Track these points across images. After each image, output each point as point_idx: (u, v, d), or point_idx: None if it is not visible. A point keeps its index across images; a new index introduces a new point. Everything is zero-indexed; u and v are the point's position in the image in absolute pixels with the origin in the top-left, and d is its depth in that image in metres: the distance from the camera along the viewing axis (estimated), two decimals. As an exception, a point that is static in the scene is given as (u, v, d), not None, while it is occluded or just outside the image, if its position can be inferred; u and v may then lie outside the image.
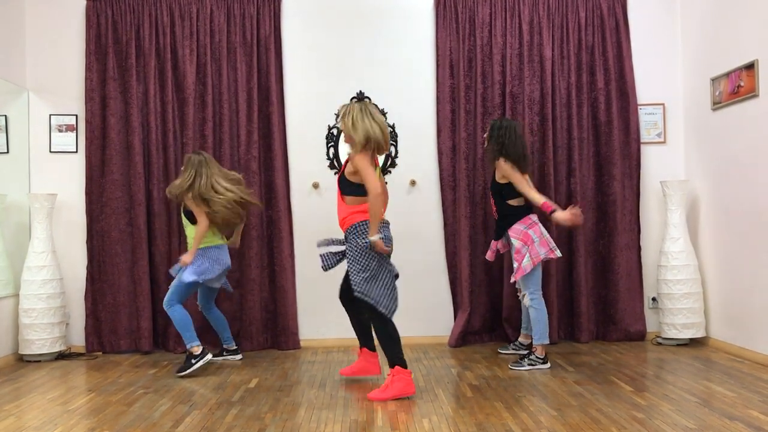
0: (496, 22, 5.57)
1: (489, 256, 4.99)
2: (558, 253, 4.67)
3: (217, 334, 5.25)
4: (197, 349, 4.65)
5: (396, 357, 3.97)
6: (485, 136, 4.88)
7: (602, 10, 5.61)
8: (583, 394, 3.89)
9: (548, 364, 4.63)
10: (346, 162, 4.10)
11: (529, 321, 4.96)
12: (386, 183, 4.66)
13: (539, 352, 4.64)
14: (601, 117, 5.59)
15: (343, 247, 4.16)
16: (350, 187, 4.04)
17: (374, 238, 3.88)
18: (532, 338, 4.79)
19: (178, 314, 4.71)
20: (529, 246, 4.63)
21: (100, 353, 5.45)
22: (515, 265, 4.66)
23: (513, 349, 5.12)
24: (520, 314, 5.22)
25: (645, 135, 5.68)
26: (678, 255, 5.26)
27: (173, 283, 4.78)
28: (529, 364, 4.60)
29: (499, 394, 3.95)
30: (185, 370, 4.57)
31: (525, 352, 4.88)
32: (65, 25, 5.58)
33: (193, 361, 4.60)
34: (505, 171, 4.70)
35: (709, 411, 3.51)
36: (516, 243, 4.68)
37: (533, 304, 4.65)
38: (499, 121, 4.82)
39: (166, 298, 4.75)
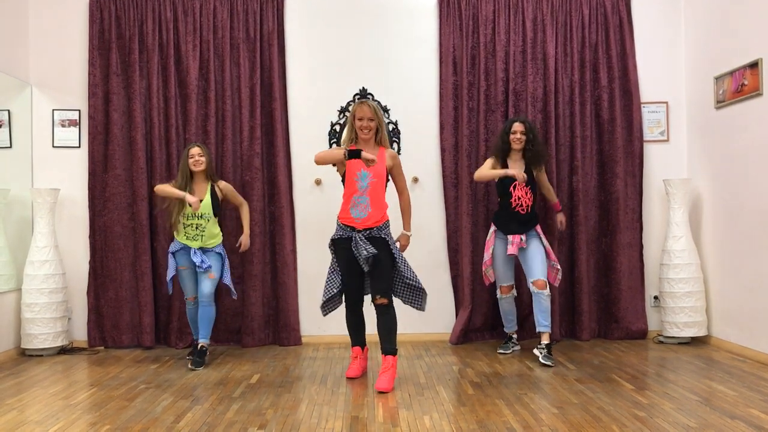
0: (499, 19, 5.56)
1: (515, 250, 4.80)
2: None
3: (192, 329, 5.11)
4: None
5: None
6: (520, 134, 4.84)
7: (606, 8, 5.60)
8: (584, 392, 3.89)
9: None
10: (382, 155, 4.25)
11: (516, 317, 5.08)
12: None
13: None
14: (604, 115, 5.58)
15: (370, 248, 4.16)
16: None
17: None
18: (544, 329, 4.75)
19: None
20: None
21: (102, 348, 5.46)
22: (556, 265, 4.88)
23: (546, 361, 4.67)
24: (520, 312, 5.26)
25: (648, 133, 5.67)
26: (680, 253, 5.25)
27: (212, 281, 4.83)
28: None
29: (500, 391, 3.95)
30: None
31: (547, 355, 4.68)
32: (68, 21, 5.58)
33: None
34: (545, 175, 5.07)
35: (711, 410, 3.51)
36: (546, 243, 4.90)
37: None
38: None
39: (211, 295, 4.82)
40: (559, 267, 4.91)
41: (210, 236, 4.89)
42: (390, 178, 4.36)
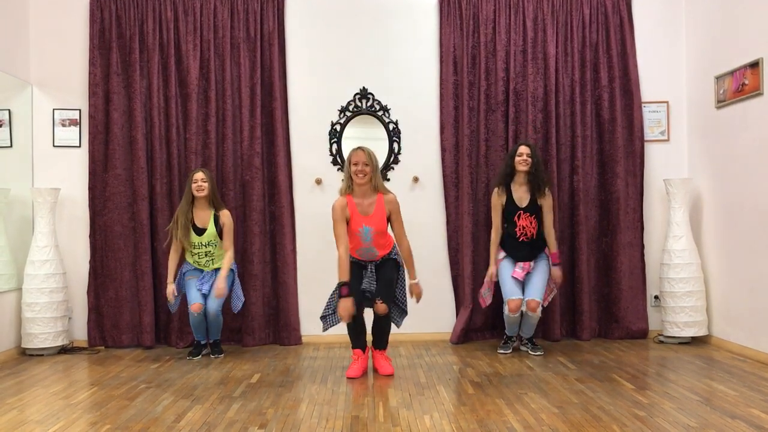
0: (500, 18, 5.56)
1: (521, 275, 4.95)
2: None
3: (194, 331, 5.13)
4: None
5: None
6: (526, 156, 4.94)
7: (606, 7, 5.59)
8: (584, 392, 3.89)
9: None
10: (380, 204, 4.42)
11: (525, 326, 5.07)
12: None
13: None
14: (604, 114, 5.58)
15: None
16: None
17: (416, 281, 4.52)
18: (527, 336, 5.10)
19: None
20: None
21: (102, 348, 5.46)
22: (554, 289, 5.09)
23: (534, 351, 5.04)
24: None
25: (648, 133, 5.67)
26: (681, 253, 5.25)
27: (219, 300, 4.93)
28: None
29: (500, 391, 3.95)
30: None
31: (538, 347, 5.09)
32: (69, 20, 5.58)
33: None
34: (550, 202, 5.06)
35: (711, 409, 3.51)
36: (552, 268, 5.06)
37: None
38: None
39: (217, 312, 4.95)
40: (556, 291, 5.14)
41: (220, 257, 5.06)
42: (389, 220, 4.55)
